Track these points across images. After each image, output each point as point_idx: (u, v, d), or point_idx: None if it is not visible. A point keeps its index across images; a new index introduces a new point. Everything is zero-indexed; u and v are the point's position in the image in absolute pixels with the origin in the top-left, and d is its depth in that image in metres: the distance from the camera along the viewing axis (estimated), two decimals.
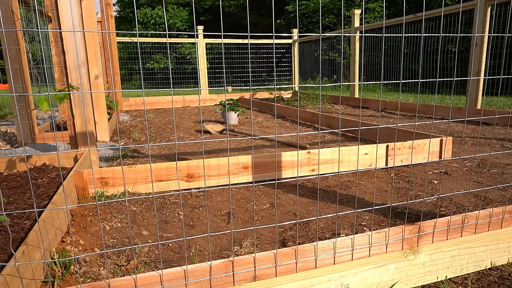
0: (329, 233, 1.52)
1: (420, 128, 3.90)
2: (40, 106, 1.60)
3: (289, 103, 6.71)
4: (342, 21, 2.49)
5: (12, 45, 2.78)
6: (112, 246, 1.43)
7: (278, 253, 1.02)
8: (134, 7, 12.56)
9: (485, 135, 3.51)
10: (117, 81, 5.28)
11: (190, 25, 17.96)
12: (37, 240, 1.16)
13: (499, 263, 1.27)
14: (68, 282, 1.16)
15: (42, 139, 3.07)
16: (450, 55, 7.54)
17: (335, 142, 3.29)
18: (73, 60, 2.17)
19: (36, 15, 3.60)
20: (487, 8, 4.27)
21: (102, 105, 2.76)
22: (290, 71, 9.16)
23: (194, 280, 0.97)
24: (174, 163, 2.08)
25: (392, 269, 1.11)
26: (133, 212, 1.77)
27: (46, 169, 2.06)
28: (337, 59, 9.20)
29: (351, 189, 2.10)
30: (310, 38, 8.82)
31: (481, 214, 1.26)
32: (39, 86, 2.98)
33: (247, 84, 10.16)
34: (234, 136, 3.82)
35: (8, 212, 0.98)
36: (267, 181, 2.25)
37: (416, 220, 1.61)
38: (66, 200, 1.64)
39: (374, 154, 2.42)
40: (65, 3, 2.12)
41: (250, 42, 8.58)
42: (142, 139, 3.64)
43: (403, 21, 3.51)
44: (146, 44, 10.76)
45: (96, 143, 2.62)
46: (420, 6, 13.31)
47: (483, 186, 2.03)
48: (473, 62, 4.43)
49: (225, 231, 1.17)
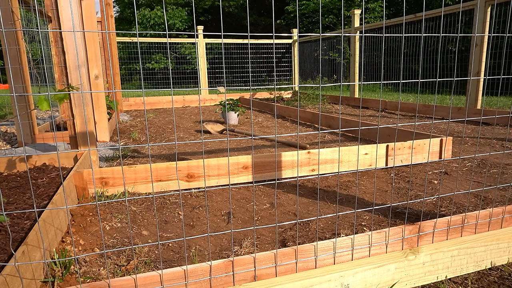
0: (329, 233, 1.52)
1: (420, 128, 3.90)
2: (40, 106, 1.60)
3: (289, 103, 6.71)
4: (342, 21, 2.50)
5: (12, 45, 2.78)
6: (112, 246, 1.43)
7: (278, 253, 1.02)
8: (134, 7, 12.57)
9: (485, 135, 3.51)
10: (117, 81, 5.28)
11: (190, 25, 17.96)
12: (37, 240, 1.16)
13: (499, 263, 1.27)
14: (68, 282, 1.16)
15: (42, 139, 3.07)
16: (450, 55, 7.54)
17: (335, 142, 3.29)
18: (73, 60, 2.17)
19: (36, 15, 3.60)
20: (487, 8, 4.27)
21: (102, 105, 2.76)
22: (290, 71, 9.16)
23: (194, 280, 0.97)
24: (174, 163, 2.08)
25: (392, 269, 1.11)
26: (133, 212, 1.77)
27: (46, 169, 2.06)
28: (337, 59, 9.20)
29: (351, 189, 2.10)
30: (310, 38, 8.82)
31: (481, 214, 1.26)
32: (39, 86, 2.98)
33: (247, 84, 10.16)
34: (234, 136, 3.82)
35: (8, 212, 0.98)
36: (267, 181, 2.25)
37: (416, 220, 1.61)
38: (66, 200, 1.64)
39: (374, 154, 2.42)
40: (65, 3, 2.12)
41: (250, 42, 8.58)
42: (142, 139, 3.64)
43: (403, 21, 3.51)
44: (146, 44, 10.76)
45: (96, 143, 2.62)
46: (420, 6, 13.31)
47: (483, 186, 2.03)
48: (473, 62, 4.43)
49: (225, 231, 1.17)
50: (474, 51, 4.43)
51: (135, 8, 0.69)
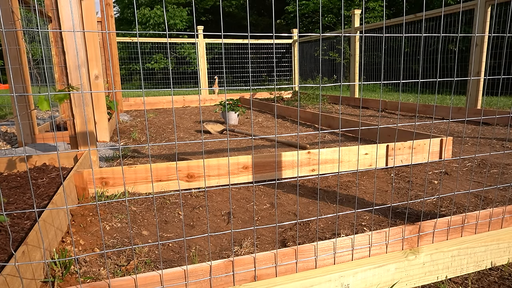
0: (329, 233, 1.52)
1: (420, 128, 3.90)
2: (40, 106, 1.60)
3: (289, 103, 6.70)
4: (342, 21, 2.49)
5: (12, 45, 2.78)
6: (112, 246, 1.43)
7: (278, 253, 1.02)
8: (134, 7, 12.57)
9: (485, 135, 3.51)
10: (117, 81, 5.28)
11: (190, 25, 17.96)
12: (37, 240, 1.16)
13: (499, 263, 1.27)
14: (68, 282, 1.16)
15: (42, 139, 3.07)
16: (450, 55, 7.54)
17: (335, 142, 3.29)
18: (73, 60, 2.17)
19: (36, 15, 3.60)
20: (487, 8, 4.27)
21: (102, 105, 2.76)
22: (290, 71, 9.16)
23: (194, 280, 0.97)
24: (174, 163, 2.08)
25: (392, 269, 1.11)
26: (133, 212, 1.77)
27: (46, 169, 2.06)
28: (337, 59, 9.20)
29: (351, 189, 2.10)
30: (310, 38, 8.82)
31: (481, 214, 1.26)
32: (39, 86, 2.98)
33: (247, 84, 10.15)
34: (234, 136, 3.82)
35: (8, 212, 0.98)
36: (267, 181, 2.25)
37: (416, 220, 1.61)
38: (66, 200, 1.64)
39: (374, 154, 2.41)
40: (65, 3, 2.12)
41: (250, 42, 8.58)
42: (142, 139, 3.64)
43: (403, 21, 3.51)
44: (146, 44, 10.76)
45: (96, 143, 2.62)
46: (420, 6, 13.31)
47: (483, 186, 2.03)
48: (473, 62, 4.43)
49: (225, 231, 1.17)
50: (474, 51, 4.43)
51: (135, 8, 0.69)
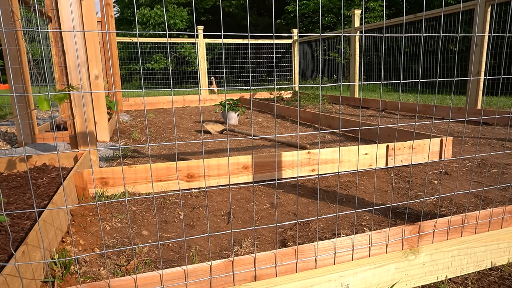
0: (329, 233, 1.52)
1: (420, 128, 3.90)
2: (40, 106, 1.60)
3: (289, 103, 6.70)
4: (342, 21, 2.49)
5: (12, 45, 2.78)
6: (112, 246, 1.43)
7: (278, 253, 1.02)
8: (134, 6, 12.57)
9: (485, 135, 3.51)
10: (117, 81, 5.28)
11: (190, 25, 17.95)
12: (37, 240, 1.16)
13: (499, 263, 1.27)
14: (68, 282, 1.16)
15: (42, 139, 3.07)
16: (450, 55, 7.54)
17: (335, 142, 3.29)
18: (73, 60, 2.17)
19: (36, 15, 3.60)
20: (487, 8, 4.27)
21: (102, 105, 2.76)
22: (290, 71, 9.16)
23: (194, 280, 0.97)
24: (174, 163, 2.08)
25: (392, 269, 1.11)
26: (133, 212, 1.77)
27: (46, 169, 2.06)
28: (337, 59, 9.20)
29: (351, 189, 2.10)
30: (310, 38, 8.82)
31: (481, 214, 1.26)
32: (39, 86, 2.98)
33: (247, 84, 10.15)
34: (234, 136, 3.82)
35: (8, 212, 0.98)
36: (267, 181, 2.25)
37: (416, 220, 1.61)
38: (66, 200, 1.64)
39: (374, 154, 2.41)
40: (65, 3, 2.12)
41: (250, 42, 8.58)
42: (142, 139, 3.64)
43: (403, 21, 3.51)
44: (146, 44, 10.76)
45: (96, 143, 2.62)
46: (420, 6, 13.31)
47: (483, 186, 2.03)
48: (473, 62, 4.43)
49: (225, 231, 1.17)
50: (474, 51, 4.43)
51: (135, 8, 0.69)
